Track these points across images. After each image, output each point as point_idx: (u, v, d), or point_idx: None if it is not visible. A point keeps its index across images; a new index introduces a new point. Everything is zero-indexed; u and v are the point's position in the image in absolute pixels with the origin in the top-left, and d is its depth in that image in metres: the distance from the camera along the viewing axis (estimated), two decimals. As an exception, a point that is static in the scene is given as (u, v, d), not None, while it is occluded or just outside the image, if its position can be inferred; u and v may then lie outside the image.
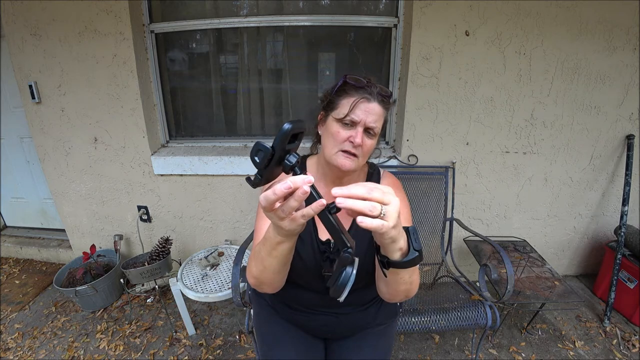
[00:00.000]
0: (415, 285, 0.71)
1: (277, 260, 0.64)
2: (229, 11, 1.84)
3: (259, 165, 0.47)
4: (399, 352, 1.69)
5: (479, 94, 1.75)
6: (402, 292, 0.69)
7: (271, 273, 0.69)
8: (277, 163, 0.49)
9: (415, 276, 0.69)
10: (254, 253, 0.72)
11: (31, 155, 2.39)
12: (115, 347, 1.73)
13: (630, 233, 1.86)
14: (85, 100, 1.88)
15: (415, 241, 0.56)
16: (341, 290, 0.49)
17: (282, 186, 0.46)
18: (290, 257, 0.66)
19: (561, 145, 1.88)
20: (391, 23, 1.78)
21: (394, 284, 0.68)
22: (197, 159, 1.92)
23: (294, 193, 0.47)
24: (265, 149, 0.47)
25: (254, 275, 0.72)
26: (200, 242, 2.19)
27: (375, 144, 0.82)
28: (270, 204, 0.49)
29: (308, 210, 0.49)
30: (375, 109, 0.77)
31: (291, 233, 0.56)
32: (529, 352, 1.68)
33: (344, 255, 0.50)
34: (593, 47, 1.67)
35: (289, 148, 0.49)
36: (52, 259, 2.49)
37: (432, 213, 1.85)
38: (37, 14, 1.73)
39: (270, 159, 0.47)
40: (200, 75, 2.02)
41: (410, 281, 0.68)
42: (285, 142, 0.47)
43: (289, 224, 0.52)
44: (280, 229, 0.54)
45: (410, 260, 0.56)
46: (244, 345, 1.74)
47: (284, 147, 0.48)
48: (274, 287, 0.76)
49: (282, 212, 0.49)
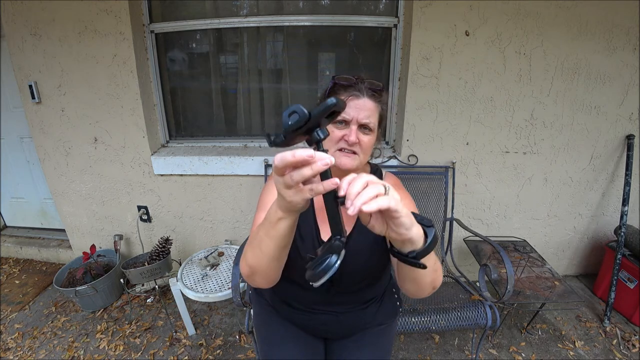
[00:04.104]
0: (440, 272, 0.70)
1: (274, 242, 0.61)
2: (229, 11, 1.84)
3: (289, 127, 0.45)
4: (399, 352, 1.69)
5: (479, 94, 1.75)
6: (430, 283, 0.68)
7: (267, 259, 0.65)
8: (306, 132, 0.47)
9: (438, 263, 0.68)
10: (251, 238, 0.69)
11: (31, 155, 2.38)
12: (115, 347, 1.73)
13: (630, 233, 1.86)
14: (85, 100, 1.88)
15: (424, 219, 0.56)
16: (320, 277, 0.47)
17: (304, 152, 0.44)
18: (287, 241, 0.63)
19: (561, 145, 1.88)
20: (391, 23, 1.78)
21: (422, 278, 0.66)
22: (197, 159, 1.92)
23: (312, 164, 0.45)
24: (301, 113, 0.44)
25: (248, 262, 0.69)
26: (200, 242, 2.19)
27: (374, 140, 0.81)
28: (284, 166, 0.46)
29: (318, 186, 0.47)
30: (366, 104, 0.77)
31: (293, 207, 0.53)
32: (529, 352, 1.68)
33: (334, 243, 0.49)
34: (593, 47, 1.67)
35: (321, 122, 0.47)
36: (52, 259, 2.49)
37: (432, 213, 1.85)
38: (37, 14, 1.73)
39: (303, 125, 0.45)
40: (200, 75, 2.02)
41: (435, 268, 0.66)
42: (324, 114, 0.45)
43: (294, 194, 0.49)
44: (282, 200, 0.52)
45: (434, 237, 0.55)
46: (244, 345, 1.74)
47: (319, 119, 0.46)
48: (267, 278, 0.72)
49: (291, 178, 0.47)
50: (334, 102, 0.44)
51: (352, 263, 0.83)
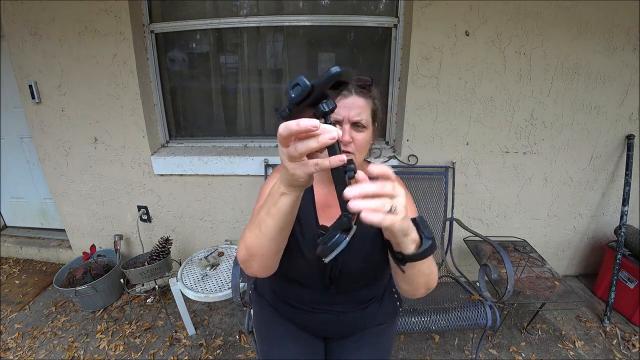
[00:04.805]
0: (435, 275, 0.69)
1: (275, 220, 0.59)
2: (229, 11, 1.84)
3: (292, 100, 0.44)
4: (399, 352, 1.69)
5: (479, 94, 1.75)
6: (423, 284, 0.68)
7: (266, 240, 0.63)
8: (311, 104, 0.45)
9: (433, 266, 0.67)
10: (252, 219, 0.68)
11: (31, 155, 2.38)
12: (115, 347, 1.73)
13: (630, 233, 1.86)
14: (85, 100, 1.88)
15: (426, 229, 0.55)
16: (329, 252, 0.47)
17: (308, 122, 0.42)
18: (287, 221, 0.60)
19: (561, 145, 1.88)
20: (391, 23, 1.78)
21: (414, 278, 0.66)
22: (197, 159, 1.92)
23: (317, 136, 0.43)
24: (303, 85, 0.43)
25: (246, 244, 0.68)
26: (200, 242, 2.19)
27: (369, 137, 0.80)
28: (288, 134, 0.44)
29: (324, 162, 0.45)
30: (356, 101, 0.76)
31: (295, 182, 0.51)
32: (529, 352, 1.68)
33: (343, 219, 0.48)
34: (593, 47, 1.67)
35: (328, 94, 0.45)
36: (52, 259, 2.49)
37: (432, 213, 1.85)
38: (37, 14, 1.73)
39: (306, 97, 0.43)
40: (200, 75, 2.02)
41: (429, 272, 0.66)
42: (327, 85, 0.43)
43: (298, 167, 0.47)
44: (286, 173, 0.51)
45: (426, 249, 0.54)
46: (244, 345, 1.74)
47: (324, 90, 0.44)
48: (264, 264, 0.70)
49: (295, 149, 0.45)
50: (338, 71, 0.42)
51: (350, 263, 0.83)
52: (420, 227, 0.55)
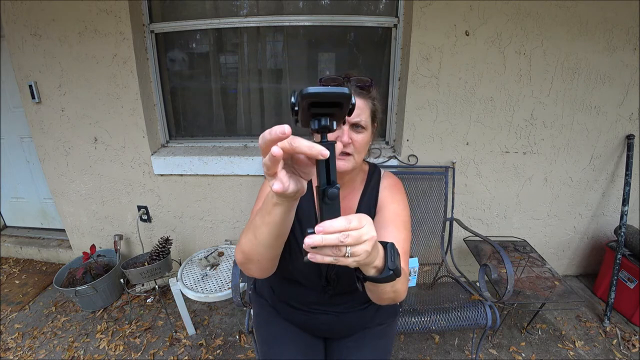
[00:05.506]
0: (400, 293, 0.66)
1: (269, 229, 0.59)
2: (229, 11, 1.84)
3: (293, 105, 0.45)
4: (399, 352, 1.69)
5: (479, 94, 1.75)
6: (387, 299, 0.66)
7: (261, 247, 0.64)
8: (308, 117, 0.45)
9: (398, 285, 0.62)
10: (248, 225, 0.68)
11: (31, 155, 2.39)
12: (115, 347, 1.73)
13: (630, 233, 1.86)
14: (85, 100, 1.88)
15: (391, 260, 0.54)
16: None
17: (277, 129, 0.39)
18: (282, 230, 0.59)
19: (561, 145, 1.88)
20: (391, 23, 1.78)
21: (377, 293, 0.64)
22: (197, 159, 1.92)
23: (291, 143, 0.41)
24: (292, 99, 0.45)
25: (243, 249, 0.68)
26: (200, 242, 2.19)
27: (368, 137, 0.80)
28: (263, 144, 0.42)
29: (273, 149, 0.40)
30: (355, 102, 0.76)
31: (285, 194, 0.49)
32: (529, 352, 1.68)
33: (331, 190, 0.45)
34: (593, 47, 1.67)
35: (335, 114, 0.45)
36: (52, 259, 2.49)
37: (432, 213, 1.85)
38: (37, 14, 1.73)
39: (296, 110, 0.45)
40: (200, 75, 2.02)
41: (394, 290, 0.62)
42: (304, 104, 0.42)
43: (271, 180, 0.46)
44: None
45: (385, 277, 0.53)
46: (244, 345, 1.74)
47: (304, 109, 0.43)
48: (262, 267, 0.70)
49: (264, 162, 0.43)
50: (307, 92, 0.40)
51: None
52: (387, 254, 0.54)
